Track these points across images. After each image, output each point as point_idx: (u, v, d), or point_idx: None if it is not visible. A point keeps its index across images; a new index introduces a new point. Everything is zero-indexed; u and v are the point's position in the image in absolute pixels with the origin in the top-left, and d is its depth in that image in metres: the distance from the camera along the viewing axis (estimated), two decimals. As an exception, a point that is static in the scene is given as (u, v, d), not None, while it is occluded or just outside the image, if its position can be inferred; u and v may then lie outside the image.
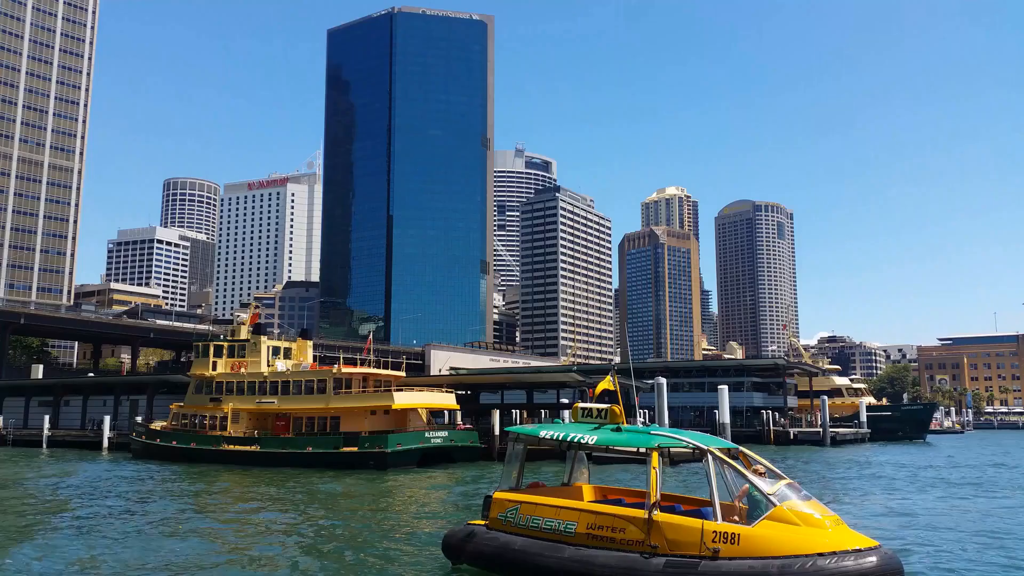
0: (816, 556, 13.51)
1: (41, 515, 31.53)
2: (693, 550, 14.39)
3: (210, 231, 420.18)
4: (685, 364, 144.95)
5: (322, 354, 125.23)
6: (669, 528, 14.82)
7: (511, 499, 17.68)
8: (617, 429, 17.20)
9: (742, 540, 14.05)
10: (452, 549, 18.36)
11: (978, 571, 20.44)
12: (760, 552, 13.81)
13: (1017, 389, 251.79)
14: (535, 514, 16.92)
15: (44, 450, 78.93)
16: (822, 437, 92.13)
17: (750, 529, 14.16)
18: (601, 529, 15.72)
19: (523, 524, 17.04)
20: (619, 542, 15.37)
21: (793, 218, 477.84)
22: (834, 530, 14.08)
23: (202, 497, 38.63)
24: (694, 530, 14.55)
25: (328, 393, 59.67)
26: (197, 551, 22.63)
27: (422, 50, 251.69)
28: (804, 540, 13.77)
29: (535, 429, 18.70)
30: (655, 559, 14.68)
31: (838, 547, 13.70)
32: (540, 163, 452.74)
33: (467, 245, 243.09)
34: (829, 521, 14.22)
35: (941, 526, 28.64)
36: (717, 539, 14.25)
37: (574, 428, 17.86)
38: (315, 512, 32.61)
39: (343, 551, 22.89)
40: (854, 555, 13.58)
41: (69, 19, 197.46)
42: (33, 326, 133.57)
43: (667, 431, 16.72)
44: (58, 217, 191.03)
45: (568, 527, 16.20)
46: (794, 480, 15.21)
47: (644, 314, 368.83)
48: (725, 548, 14.11)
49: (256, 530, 27.35)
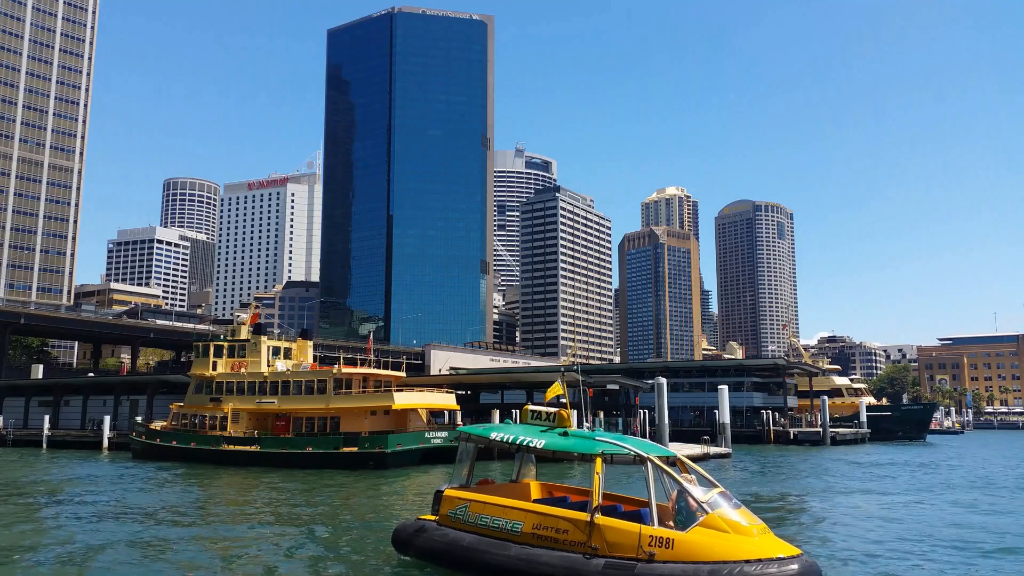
0: (743, 563, 14.30)
1: (40, 515, 31.53)
2: (631, 553, 15.12)
3: (210, 231, 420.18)
4: (685, 364, 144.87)
5: (322, 354, 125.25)
6: (609, 531, 15.53)
7: (461, 497, 18.28)
8: (564, 434, 17.84)
9: (676, 545, 14.81)
10: (401, 543, 18.98)
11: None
12: (692, 557, 14.61)
13: (1017, 389, 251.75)
14: (484, 512, 17.57)
15: (44, 450, 78.93)
16: (822, 437, 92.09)
17: (683, 535, 14.88)
18: (546, 529, 16.37)
19: (472, 522, 17.70)
20: (562, 543, 16.03)
21: (793, 218, 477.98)
22: (760, 538, 14.81)
23: (193, 498, 38.62)
24: (632, 534, 15.28)
25: (328, 393, 59.66)
26: (178, 551, 22.74)
27: (422, 50, 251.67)
28: (732, 547, 14.53)
29: (486, 430, 19.23)
30: (595, 560, 15.37)
31: (763, 554, 14.47)
32: (540, 163, 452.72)
33: (467, 245, 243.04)
34: (756, 529, 14.97)
35: (911, 534, 28.62)
36: (653, 543, 15.00)
37: (523, 431, 18.46)
38: (290, 509, 33.05)
39: (300, 545, 23.36)
40: (777, 563, 14.37)
41: (69, 19, 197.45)
42: (33, 326, 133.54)
43: (611, 437, 17.35)
44: (58, 217, 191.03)
45: (515, 526, 16.84)
46: (726, 489, 15.98)
47: (644, 314, 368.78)
48: (660, 552, 14.88)
49: (236, 529, 27.39)
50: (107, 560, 21.43)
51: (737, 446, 79.21)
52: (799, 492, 40.99)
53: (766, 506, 34.98)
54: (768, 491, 41.12)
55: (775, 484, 45.41)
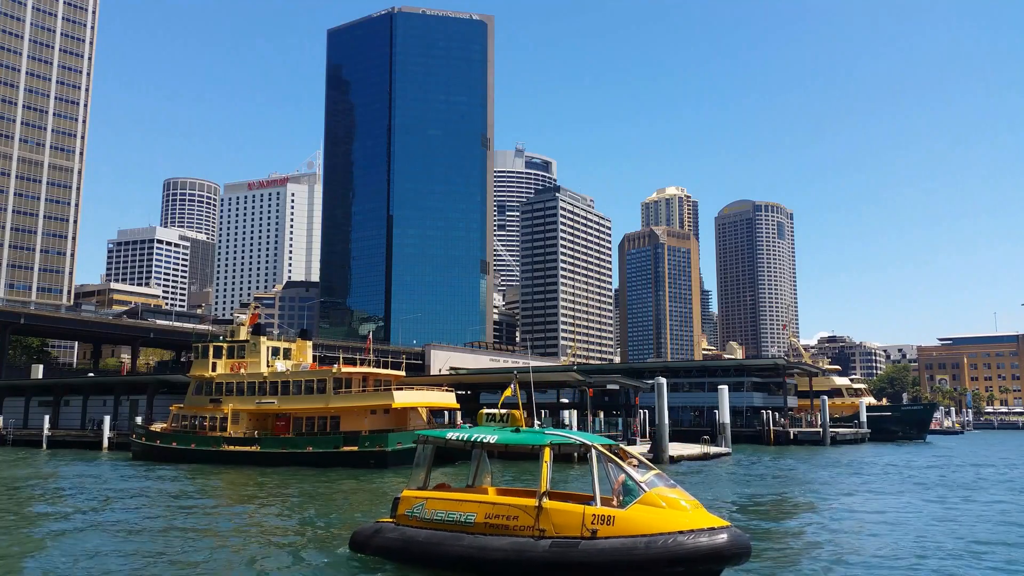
0: (677, 533, 15.63)
1: (40, 515, 31.53)
2: (575, 532, 16.26)
3: (210, 231, 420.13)
4: (685, 364, 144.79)
5: (322, 354, 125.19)
6: (555, 513, 16.64)
7: (418, 496, 19.03)
8: (516, 430, 19.06)
9: (616, 521, 16.06)
10: (360, 545, 19.65)
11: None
12: (631, 531, 15.84)
13: (1017, 389, 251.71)
14: (439, 508, 18.39)
15: (44, 450, 78.91)
16: (822, 437, 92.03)
17: (623, 512, 16.13)
18: (497, 518, 17.33)
19: (428, 518, 18.46)
20: (512, 528, 17.03)
21: (793, 218, 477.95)
22: (693, 512, 16.22)
23: (184, 499, 38.60)
24: (576, 514, 16.43)
25: (328, 393, 59.66)
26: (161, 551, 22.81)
27: (422, 50, 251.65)
28: (667, 520, 15.84)
29: (443, 432, 20.46)
30: (542, 541, 16.44)
31: (695, 526, 15.83)
32: (540, 163, 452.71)
33: (467, 245, 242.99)
34: (690, 505, 16.39)
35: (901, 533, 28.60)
36: (595, 521, 16.17)
37: (478, 430, 19.54)
38: (272, 508, 33.36)
39: (263, 546, 23.63)
40: (708, 533, 15.77)
41: (69, 19, 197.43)
42: (33, 326, 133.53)
43: (559, 431, 18.75)
44: (58, 217, 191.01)
45: (468, 518, 17.73)
46: (663, 471, 17.29)
47: (644, 314, 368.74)
48: (602, 529, 16.06)
49: (218, 528, 27.41)
50: (85, 560, 21.44)
51: (737, 446, 79.21)
52: (799, 493, 40.97)
53: (766, 506, 34.96)
54: (768, 492, 41.10)
55: (775, 484, 45.39)
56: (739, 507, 34.35)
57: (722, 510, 33.29)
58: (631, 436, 74.73)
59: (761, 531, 27.55)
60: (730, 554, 15.79)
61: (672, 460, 58.89)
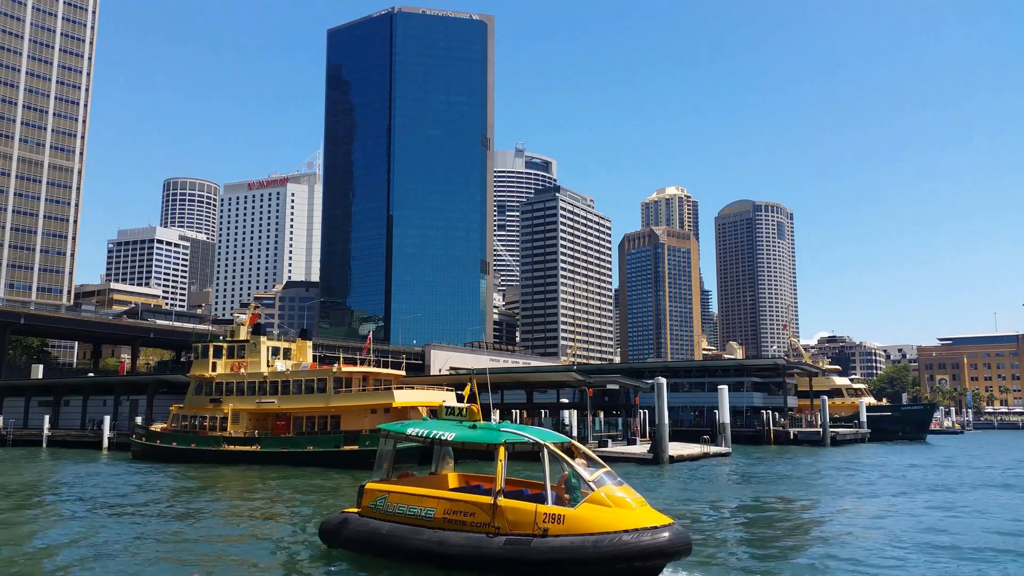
0: (622, 532, 16.32)
1: (37, 515, 31.54)
2: (528, 529, 17.03)
3: (210, 231, 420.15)
4: (685, 364, 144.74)
5: (322, 354, 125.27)
6: (510, 512, 17.39)
7: (381, 489, 19.84)
8: (473, 427, 19.77)
9: (566, 520, 16.78)
10: (327, 534, 20.48)
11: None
12: (579, 530, 16.56)
13: (1017, 389, 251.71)
14: (401, 502, 19.23)
15: (44, 450, 78.92)
16: (822, 437, 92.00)
17: (572, 511, 16.85)
18: (455, 514, 18.15)
19: (390, 511, 19.30)
20: (469, 524, 17.82)
21: (793, 218, 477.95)
22: (639, 510, 16.87)
23: (171, 496, 38.62)
24: (529, 512, 17.21)
25: (328, 392, 59.69)
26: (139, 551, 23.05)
27: (422, 50, 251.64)
28: (614, 519, 16.51)
29: (403, 427, 21.16)
30: (497, 538, 17.21)
31: (640, 524, 16.49)
32: (540, 163, 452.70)
33: (467, 245, 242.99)
34: (636, 503, 17.03)
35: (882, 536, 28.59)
36: (547, 520, 16.91)
37: (437, 426, 20.30)
38: (257, 505, 33.89)
39: (234, 538, 24.48)
40: (651, 531, 16.44)
41: (69, 19, 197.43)
42: (33, 326, 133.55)
43: (514, 428, 19.15)
44: (58, 217, 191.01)
45: (428, 513, 18.58)
46: (612, 469, 17.92)
47: (644, 314, 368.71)
48: (553, 527, 16.79)
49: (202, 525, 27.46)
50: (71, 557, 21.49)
51: (737, 446, 79.19)
52: (798, 493, 40.98)
53: (765, 507, 34.97)
54: (767, 492, 41.10)
55: (775, 485, 45.39)
56: (739, 507, 34.37)
57: (722, 510, 33.31)
58: (631, 436, 74.74)
59: (762, 531, 27.57)
60: (672, 551, 16.56)
61: (672, 460, 58.87)
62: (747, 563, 21.21)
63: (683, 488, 42.17)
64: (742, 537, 25.97)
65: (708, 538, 25.67)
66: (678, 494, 39.24)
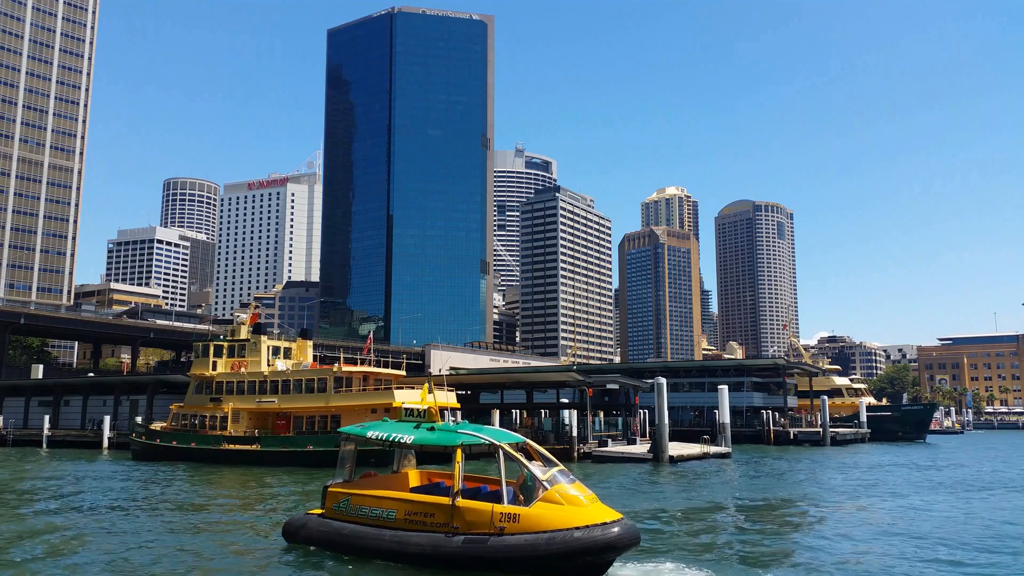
0: (574, 529, 16.92)
1: (36, 516, 31.56)
2: (485, 528, 17.63)
3: (210, 231, 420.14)
4: (685, 364, 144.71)
5: (322, 354, 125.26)
6: (468, 512, 18.00)
7: (343, 491, 20.44)
8: (431, 429, 20.32)
9: (521, 519, 17.38)
10: (291, 535, 21.16)
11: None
12: (534, 528, 17.17)
13: (1017, 389, 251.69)
14: (363, 504, 19.80)
15: (44, 450, 78.91)
16: (822, 437, 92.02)
17: (527, 510, 17.44)
18: (416, 515, 18.76)
19: (353, 513, 19.88)
20: (429, 525, 18.45)
21: (793, 218, 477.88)
22: (591, 507, 17.45)
23: (158, 495, 38.63)
24: (486, 512, 17.81)
25: (328, 392, 59.72)
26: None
27: (422, 50, 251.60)
28: (566, 516, 17.11)
29: (363, 429, 21.65)
30: (456, 537, 17.83)
31: (591, 521, 17.09)
32: (540, 163, 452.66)
33: (467, 245, 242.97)
34: (587, 500, 17.59)
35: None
36: (503, 519, 17.51)
37: (396, 428, 20.95)
38: (233, 503, 33.95)
39: (205, 536, 24.92)
40: (602, 527, 17.02)
41: (69, 19, 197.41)
42: (33, 326, 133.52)
43: (471, 429, 19.75)
44: (58, 217, 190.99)
45: (389, 514, 19.17)
46: (568, 468, 18.45)
47: (644, 314, 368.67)
48: (509, 526, 17.38)
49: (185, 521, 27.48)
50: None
51: (737, 446, 79.19)
52: (798, 493, 40.99)
53: (765, 507, 34.96)
54: (767, 492, 41.11)
55: (775, 485, 45.40)
56: (739, 507, 34.37)
57: (722, 511, 33.32)
58: (631, 436, 74.73)
59: (761, 531, 27.57)
60: (621, 545, 17.24)
61: (672, 460, 58.87)
62: (747, 563, 21.22)
63: (683, 488, 42.17)
64: (741, 537, 25.97)
65: (708, 538, 25.68)
66: (678, 494, 39.25)
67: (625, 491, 39.61)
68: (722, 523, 29.46)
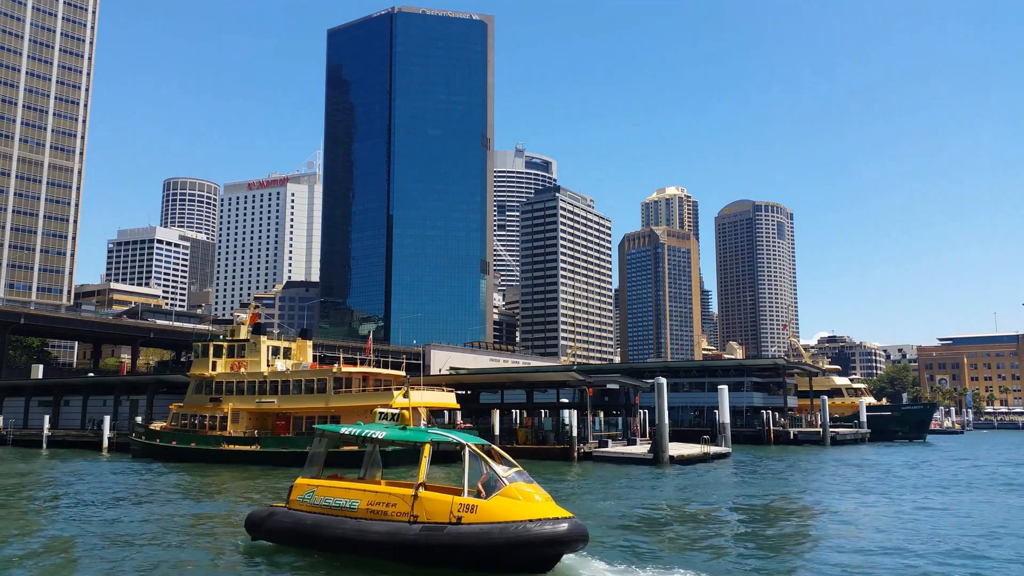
0: (527, 522, 17.97)
1: (35, 516, 31.56)
2: (444, 518, 18.57)
3: (210, 231, 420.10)
4: (685, 364, 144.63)
5: (322, 354, 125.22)
6: (428, 502, 19.00)
7: (310, 484, 21.17)
8: (403, 428, 21.84)
9: (478, 510, 18.39)
10: (253, 527, 21.57)
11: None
12: (489, 519, 18.17)
13: (1017, 389, 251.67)
14: (327, 495, 20.51)
15: (44, 450, 78.89)
16: (822, 437, 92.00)
17: (484, 502, 18.48)
18: (378, 505, 19.58)
19: (317, 503, 20.57)
20: (390, 514, 19.27)
21: (793, 218, 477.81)
22: (544, 504, 18.52)
23: (146, 493, 38.60)
24: (445, 503, 18.78)
25: (328, 392, 59.70)
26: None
27: (422, 50, 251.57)
28: (520, 510, 18.18)
29: (337, 427, 22.84)
30: (415, 526, 18.72)
31: (543, 515, 18.15)
32: (540, 163, 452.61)
33: (467, 245, 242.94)
34: (541, 497, 18.65)
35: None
36: (461, 509, 18.50)
37: (370, 427, 22.06)
38: (211, 501, 34.67)
39: (171, 534, 25.21)
40: (552, 522, 18.10)
41: (69, 19, 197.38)
42: (33, 326, 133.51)
43: (439, 431, 21.41)
44: (58, 217, 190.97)
45: (352, 504, 19.92)
46: (524, 470, 19.66)
47: (644, 314, 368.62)
48: (466, 516, 18.37)
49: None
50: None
51: (737, 446, 79.18)
52: (798, 493, 40.96)
53: (764, 507, 34.93)
54: (767, 492, 41.08)
55: (774, 485, 45.38)
56: (738, 508, 34.36)
57: (721, 511, 33.30)
58: (631, 436, 74.67)
59: (760, 531, 27.55)
60: (569, 540, 18.14)
61: (672, 460, 58.83)
62: (746, 563, 21.20)
63: (682, 488, 42.15)
64: (741, 537, 25.95)
65: (708, 538, 25.66)
66: (677, 494, 39.23)
67: (625, 492, 39.58)
68: (721, 524, 29.44)
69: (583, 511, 31.46)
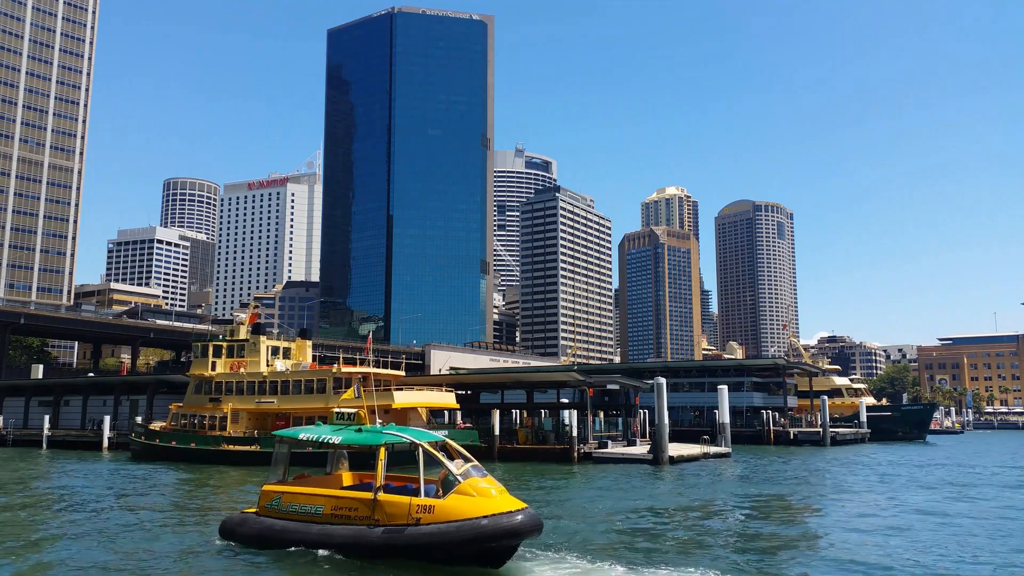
0: (482, 518, 18.41)
1: (34, 516, 31.55)
2: (403, 520, 19.15)
3: (210, 231, 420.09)
4: (685, 364, 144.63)
5: (322, 354, 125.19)
6: (387, 505, 19.51)
7: (276, 490, 21.71)
8: (359, 430, 22.12)
9: (435, 510, 18.90)
10: (226, 533, 22.26)
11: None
12: (447, 518, 18.68)
13: (1017, 389, 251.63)
14: (293, 501, 21.14)
15: (44, 450, 78.88)
16: (822, 437, 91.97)
17: (441, 501, 18.95)
18: (341, 510, 20.18)
19: (284, 510, 21.16)
20: (353, 519, 19.87)
21: (793, 218, 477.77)
22: (499, 498, 18.91)
23: (133, 492, 38.62)
24: (404, 505, 19.33)
25: (328, 392, 59.64)
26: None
27: (422, 50, 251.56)
28: (476, 507, 18.61)
29: (295, 432, 23.20)
30: (376, 529, 19.31)
31: (498, 510, 18.57)
32: (540, 163, 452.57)
33: (467, 245, 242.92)
34: (496, 491, 19.06)
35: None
36: (419, 510, 19.04)
37: (327, 430, 22.53)
38: (192, 502, 33.93)
39: (150, 537, 25.41)
40: (507, 515, 18.51)
41: (69, 19, 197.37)
42: (33, 326, 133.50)
43: (395, 430, 21.41)
44: (58, 217, 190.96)
45: (317, 509, 20.54)
46: (479, 463, 20.14)
47: (644, 314, 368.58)
48: (424, 517, 18.93)
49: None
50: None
51: (737, 446, 79.16)
52: (798, 493, 40.95)
53: (764, 507, 34.91)
54: (767, 493, 41.06)
55: (774, 486, 45.36)
56: (738, 508, 34.33)
57: (721, 511, 33.28)
58: (631, 436, 74.63)
59: (760, 531, 27.53)
60: (524, 531, 18.66)
61: (672, 460, 58.82)
62: (747, 563, 21.19)
63: (682, 489, 42.14)
64: (741, 537, 25.94)
65: (708, 539, 25.64)
66: (677, 495, 39.22)
67: (625, 492, 39.57)
68: (722, 524, 29.43)
69: (582, 511, 31.46)
